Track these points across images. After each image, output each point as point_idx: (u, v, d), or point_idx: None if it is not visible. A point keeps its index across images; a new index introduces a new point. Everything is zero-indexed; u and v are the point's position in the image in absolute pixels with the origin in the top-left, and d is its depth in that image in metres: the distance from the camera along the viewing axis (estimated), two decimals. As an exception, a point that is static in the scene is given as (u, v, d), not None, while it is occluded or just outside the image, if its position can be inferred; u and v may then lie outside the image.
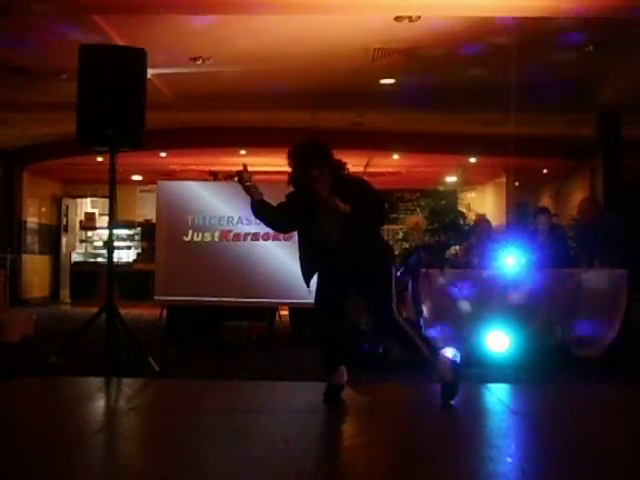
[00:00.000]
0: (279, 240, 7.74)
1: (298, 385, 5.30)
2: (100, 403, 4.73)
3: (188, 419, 4.12)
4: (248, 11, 6.41)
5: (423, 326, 6.29)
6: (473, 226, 7.42)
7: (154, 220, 9.44)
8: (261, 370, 5.94)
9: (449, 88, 8.79)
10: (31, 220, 14.57)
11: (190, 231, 8.02)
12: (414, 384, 5.06)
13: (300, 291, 4.55)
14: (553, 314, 6.35)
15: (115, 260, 7.29)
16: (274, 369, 6.00)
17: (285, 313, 8.85)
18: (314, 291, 4.45)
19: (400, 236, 9.53)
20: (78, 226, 15.59)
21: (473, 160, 12.52)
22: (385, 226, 11.45)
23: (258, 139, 11.48)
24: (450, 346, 4.91)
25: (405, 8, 6.34)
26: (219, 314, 7.88)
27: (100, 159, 11.41)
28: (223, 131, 11.61)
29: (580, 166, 11.62)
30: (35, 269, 14.66)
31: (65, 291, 14.80)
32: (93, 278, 12.66)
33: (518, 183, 14.00)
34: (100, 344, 5.68)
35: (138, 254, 14.26)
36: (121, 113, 5.42)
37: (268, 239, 7.85)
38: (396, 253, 6.98)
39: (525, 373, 5.66)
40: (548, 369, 5.79)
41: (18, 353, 6.79)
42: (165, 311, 8.59)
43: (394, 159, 12.98)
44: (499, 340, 6.07)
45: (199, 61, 7.93)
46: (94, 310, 5.63)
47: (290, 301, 7.82)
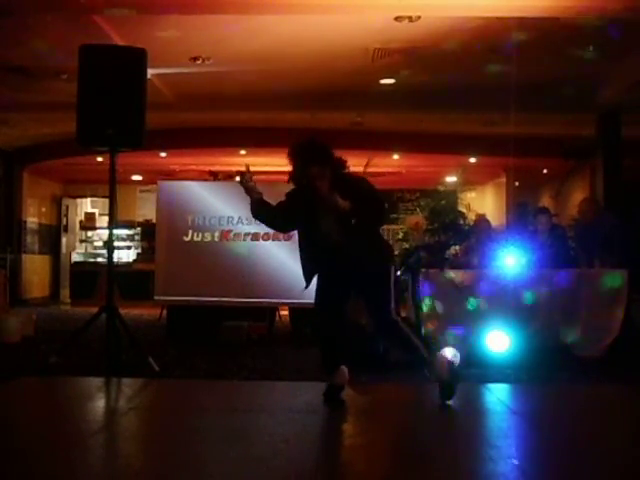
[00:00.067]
0: (279, 240, 7.75)
1: (298, 385, 5.30)
2: (100, 403, 4.72)
3: (188, 419, 4.12)
4: (248, 11, 6.40)
5: (423, 326, 6.30)
6: (473, 226, 7.42)
7: (154, 220, 9.45)
8: (261, 370, 5.94)
9: (449, 88, 8.78)
10: (31, 220, 14.57)
11: (190, 231, 8.03)
12: (414, 384, 5.05)
13: (300, 291, 4.55)
14: (553, 314, 6.35)
15: (115, 260, 7.30)
16: (274, 369, 6.01)
17: (285, 313, 8.85)
18: (311, 291, 4.45)
19: (400, 236, 9.53)
20: (78, 226, 15.59)
21: (473, 160, 12.51)
22: (385, 226, 11.51)
23: (258, 139, 11.48)
24: (450, 346, 4.91)
25: (405, 8, 6.34)
26: (219, 314, 7.89)
27: (100, 159, 11.41)
28: (223, 131, 11.61)
29: (580, 166, 11.62)
30: (35, 269, 14.66)
31: (65, 291, 14.80)
32: (93, 278, 12.66)
33: (518, 183, 14.00)
34: (100, 344, 5.68)
35: (138, 254, 14.26)
36: (121, 113, 5.42)
37: (268, 239, 7.85)
38: (396, 253, 6.97)
39: (525, 373, 5.66)
40: (548, 369, 5.78)
41: (18, 353, 6.79)
42: (165, 311, 8.60)
43: (394, 159, 12.97)
44: (499, 340, 6.07)
45: (199, 61, 7.93)
46: (94, 310, 5.63)
47: (290, 301, 7.82)
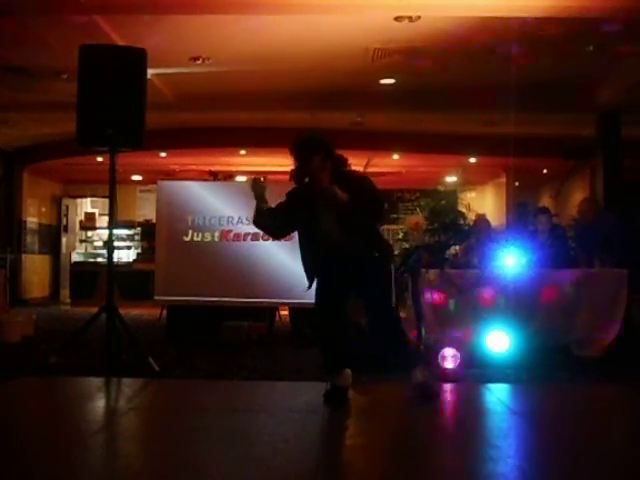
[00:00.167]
0: (279, 240, 7.73)
1: (298, 385, 5.31)
2: (100, 403, 4.73)
3: (188, 419, 4.13)
4: (248, 11, 6.40)
5: (423, 326, 6.29)
6: (473, 226, 7.41)
7: (154, 220, 9.44)
8: (261, 370, 5.94)
9: (449, 88, 8.79)
10: (31, 220, 14.56)
11: (190, 231, 8.03)
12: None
13: (302, 291, 4.55)
14: (553, 314, 6.35)
15: (115, 260, 7.29)
16: (274, 369, 6.01)
17: (285, 313, 8.84)
18: (311, 291, 4.45)
19: (400, 236, 9.49)
20: (78, 226, 15.58)
21: (473, 160, 12.51)
22: (385, 226, 11.53)
23: (258, 139, 11.48)
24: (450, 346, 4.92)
25: (405, 8, 6.34)
26: (219, 314, 7.89)
27: (100, 159, 11.41)
28: (223, 131, 11.61)
29: (580, 166, 11.62)
30: (35, 269, 14.66)
31: (65, 291, 14.79)
32: (93, 278, 12.66)
33: (518, 183, 13.99)
34: (100, 344, 5.68)
35: (138, 254, 14.26)
36: (121, 113, 5.42)
37: (268, 239, 7.83)
38: (396, 253, 6.96)
39: (525, 373, 5.66)
40: (548, 369, 5.79)
41: (18, 353, 6.79)
42: (165, 311, 8.59)
43: (394, 159, 12.97)
44: (499, 340, 6.07)
45: (199, 61, 7.93)
46: (94, 310, 5.63)
47: (290, 301, 7.82)
